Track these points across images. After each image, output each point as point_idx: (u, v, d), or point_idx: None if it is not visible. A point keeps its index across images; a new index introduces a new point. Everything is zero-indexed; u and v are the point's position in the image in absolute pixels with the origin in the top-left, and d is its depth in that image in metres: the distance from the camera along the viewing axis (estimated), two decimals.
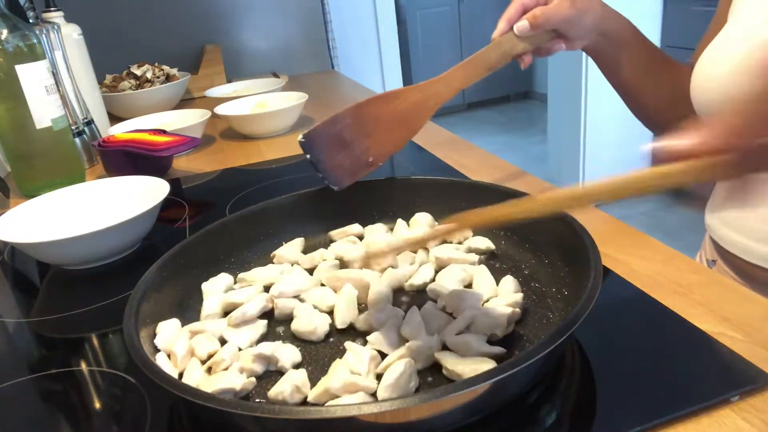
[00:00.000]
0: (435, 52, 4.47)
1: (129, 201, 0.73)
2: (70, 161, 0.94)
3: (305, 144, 0.57)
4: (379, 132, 0.59)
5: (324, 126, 0.57)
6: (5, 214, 0.68)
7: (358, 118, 0.58)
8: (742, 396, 0.37)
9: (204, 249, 0.55)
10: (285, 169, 0.94)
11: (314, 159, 0.57)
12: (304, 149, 0.57)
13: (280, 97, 1.23)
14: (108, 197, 0.76)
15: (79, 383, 0.47)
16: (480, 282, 0.50)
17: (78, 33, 1.15)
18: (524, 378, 0.38)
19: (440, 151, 0.92)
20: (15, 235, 0.66)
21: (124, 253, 0.69)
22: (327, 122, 0.58)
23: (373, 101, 0.59)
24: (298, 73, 1.81)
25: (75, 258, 0.66)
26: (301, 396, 0.40)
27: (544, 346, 0.34)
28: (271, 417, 0.33)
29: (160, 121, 1.16)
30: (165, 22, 1.65)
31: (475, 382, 0.32)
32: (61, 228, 0.70)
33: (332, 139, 0.58)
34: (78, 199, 0.76)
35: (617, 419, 0.36)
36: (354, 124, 0.58)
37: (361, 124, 0.58)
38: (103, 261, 0.67)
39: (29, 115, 0.87)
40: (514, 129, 4.29)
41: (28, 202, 0.72)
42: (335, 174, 0.58)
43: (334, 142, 0.58)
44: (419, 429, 0.35)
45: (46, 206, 0.73)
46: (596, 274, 0.40)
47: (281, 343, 0.45)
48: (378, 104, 0.59)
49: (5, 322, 0.58)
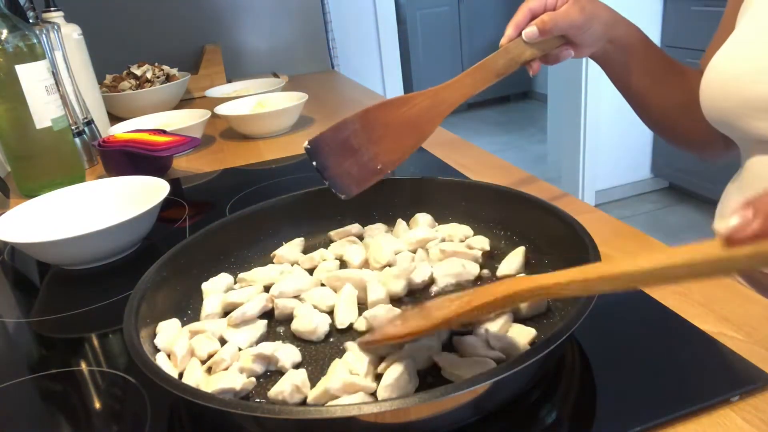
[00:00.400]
0: (435, 52, 4.47)
1: (129, 201, 0.73)
2: (70, 161, 0.94)
3: (311, 150, 0.56)
4: (388, 138, 0.58)
5: (331, 132, 0.57)
6: (5, 214, 0.68)
7: (366, 123, 0.57)
8: (742, 396, 0.37)
9: (204, 249, 0.55)
10: (285, 169, 0.94)
11: (320, 166, 0.56)
12: (309, 156, 0.56)
13: (280, 97, 1.23)
14: (108, 197, 0.76)
15: (79, 383, 0.47)
16: None
17: (78, 33, 1.15)
18: (524, 378, 0.38)
19: (440, 151, 0.92)
20: (15, 235, 0.66)
21: (124, 253, 0.69)
22: (334, 128, 0.57)
23: (381, 106, 0.58)
24: (298, 73, 1.81)
25: (75, 258, 0.66)
26: (301, 396, 0.40)
27: (544, 347, 0.34)
28: (271, 417, 0.33)
29: (160, 121, 1.16)
30: (165, 22, 1.65)
31: (475, 383, 0.32)
32: (61, 228, 0.70)
33: (339, 145, 0.57)
34: (78, 199, 0.76)
35: (617, 419, 0.36)
36: (362, 129, 0.57)
37: (370, 129, 0.58)
38: (103, 261, 0.67)
39: (29, 115, 0.87)
40: (514, 129, 4.29)
41: (28, 202, 0.73)
42: (342, 182, 0.57)
43: (341, 149, 0.57)
44: (419, 429, 0.35)
45: (46, 206, 0.73)
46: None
47: (281, 343, 0.45)
48: (387, 110, 0.58)
49: (5, 322, 0.58)
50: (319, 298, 0.50)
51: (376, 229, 0.60)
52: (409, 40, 4.36)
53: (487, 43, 4.56)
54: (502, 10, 4.53)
